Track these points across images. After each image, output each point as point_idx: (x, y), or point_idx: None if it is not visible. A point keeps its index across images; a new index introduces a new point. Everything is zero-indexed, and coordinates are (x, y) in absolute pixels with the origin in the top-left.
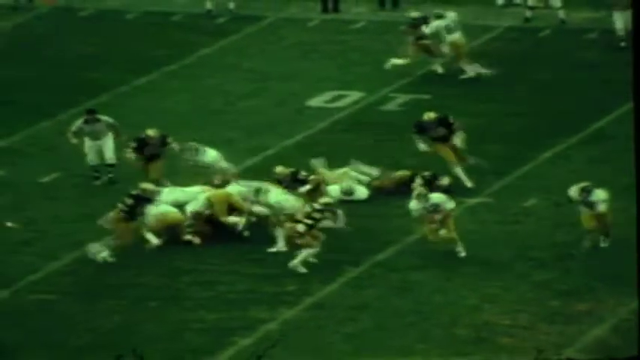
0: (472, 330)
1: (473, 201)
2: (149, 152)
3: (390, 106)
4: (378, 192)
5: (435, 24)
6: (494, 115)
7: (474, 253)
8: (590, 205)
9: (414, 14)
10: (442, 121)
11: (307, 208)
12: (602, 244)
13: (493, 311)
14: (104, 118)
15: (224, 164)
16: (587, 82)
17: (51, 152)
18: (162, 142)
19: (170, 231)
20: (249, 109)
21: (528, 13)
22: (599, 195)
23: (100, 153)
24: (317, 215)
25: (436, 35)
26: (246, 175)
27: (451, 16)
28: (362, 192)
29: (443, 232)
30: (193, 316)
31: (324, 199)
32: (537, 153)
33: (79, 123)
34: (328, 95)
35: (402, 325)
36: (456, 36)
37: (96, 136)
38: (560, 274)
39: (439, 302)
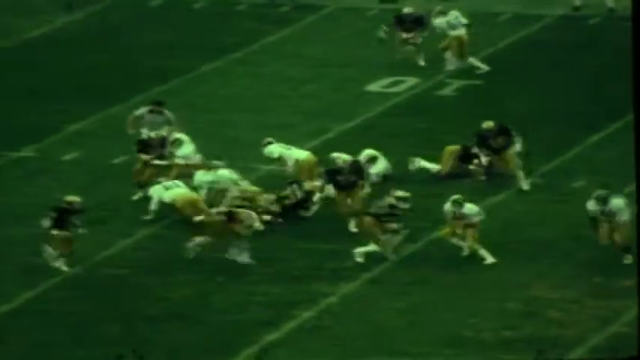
0: (521, 304)
1: (524, 182)
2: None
3: (445, 92)
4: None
5: (438, 21)
6: (544, 100)
7: (524, 231)
8: (610, 215)
9: (407, 10)
10: (502, 130)
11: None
12: (626, 261)
13: (542, 286)
14: (167, 112)
15: (197, 158)
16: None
17: (122, 135)
18: (162, 143)
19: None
20: (309, 94)
21: (578, 2)
22: (618, 204)
23: None
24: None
25: (442, 31)
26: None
27: (454, 13)
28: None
29: (469, 242)
30: (258, 290)
31: (399, 193)
32: (586, 136)
33: (142, 111)
34: (386, 81)
35: (453, 299)
36: (461, 32)
37: (154, 127)
38: (605, 252)
39: (490, 278)
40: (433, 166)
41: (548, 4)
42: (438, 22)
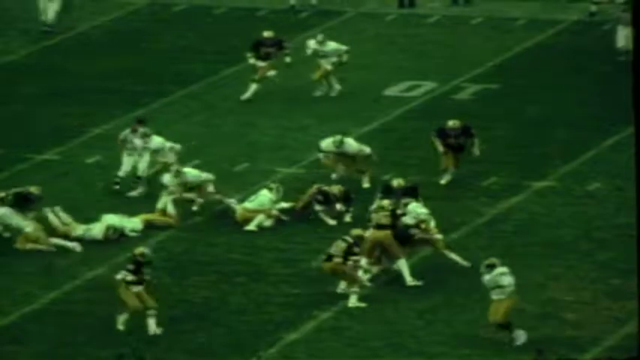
0: (538, 306)
1: (540, 184)
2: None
3: (462, 95)
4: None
5: (310, 44)
6: (561, 104)
7: (541, 233)
8: (500, 287)
9: (267, 34)
10: (465, 131)
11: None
12: (517, 342)
13: (558, 288)
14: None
15: (166, 150)
16: None
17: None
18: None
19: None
20: (328, 97)
21: (593, 8)
22: (503, 272)
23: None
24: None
25: (313, 55)
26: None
27: (331, 44)
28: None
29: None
30: (276, 291)
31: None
32: (601, 140)
33: (128, 134)
34: (403, 85)
35: (470, 301)
36: (327, 63)
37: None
38: (621, 254)
39: None
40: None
41: (564, 9)
42: (311, 45)
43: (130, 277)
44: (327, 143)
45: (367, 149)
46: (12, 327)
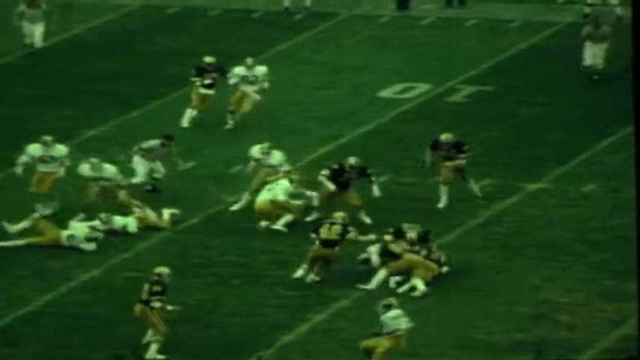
0: (532, 307)
1: (534, 186)
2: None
3: (456, 98)
4: None
5: (236, 71)
6: (555, 106)
7: (535, 235)
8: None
9: (209, 59)
10: (457, 145)
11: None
12: None
13: (552, 290)
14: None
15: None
16: None
17: (138, 140)
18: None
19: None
20: (323, 100)
21: (587, 10)
22: (397, 314)
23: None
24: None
25: (237, 83)
26: (322, 160)
27: (260, 69)
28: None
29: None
30: (271, 293)
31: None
32: (596, 141)
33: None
34: (398, 87)
35: (464, 302)
36: (252, 89)
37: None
38: (615, 255)
39: (501, 282)
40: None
41: (558, 11)
42: (236, 71)
43: (158, 304)
44: (255, 149)
45: (286, 167)
46: (7, 329)
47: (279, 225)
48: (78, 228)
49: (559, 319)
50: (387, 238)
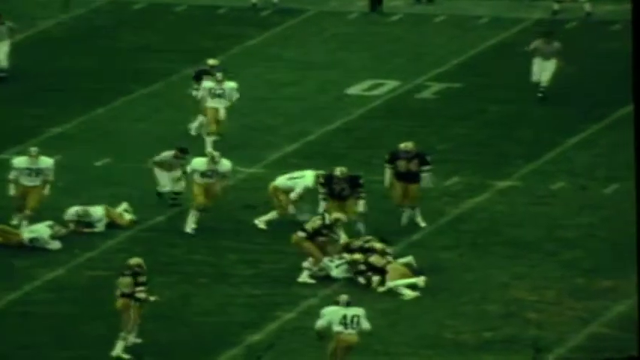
0: (501, 306)
1: (503, 184)
2: None
3: (425, 94)
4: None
5: (204, 85)
6: (524, 103)
7: (504, 233)
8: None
9: (212, 61)
10: (418, 155)
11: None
12: None
13: (521, 288)
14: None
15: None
16: (611, 71)
17: (105, 138)
18: None
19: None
20: (290, 96)
21: (556, 6)
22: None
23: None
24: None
25: (204, 97)
26: (290, 158)
27: (229, 84)
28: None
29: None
30: (239, 292)
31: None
32: (565, 138)
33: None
34: (366, 84)
35: (433, 301)
36: (220, 104)
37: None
38: (585, 253)
39: (469, 280)
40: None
41: (528, 7)
42: (205, 85)
43: (143, 295)
44: (198, 162)
45: (227, 182)
46: None
47: (260, 220)
48: (39, 229)
49: (528, 317)
50: (357, 257)
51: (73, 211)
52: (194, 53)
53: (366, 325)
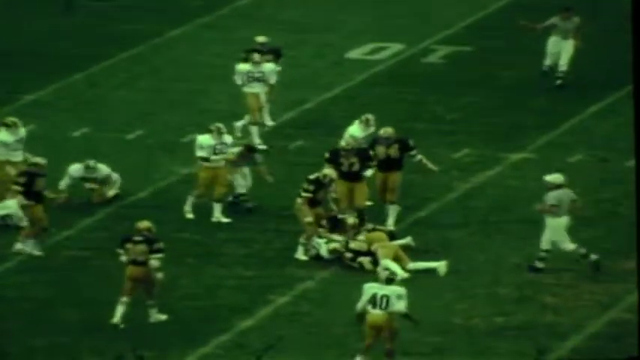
0: (514, 288)
1: (516, 157)
2: None
3: (432, 59)
4: None
5: (240, 68)
6: (539, 68)
7: (517, 209)
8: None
9: (262, 39)
10: (399, 141)
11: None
12: None
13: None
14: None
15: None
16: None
17: (82, 106)
18: None
19: None
20: (285, 62)
21: None
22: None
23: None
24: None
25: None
26: (285, 128)
27: (268, 66)
28: None
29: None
30: (230, 273)
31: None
32: (583, 107)
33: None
34: (367, 47)
35: (441, 284)
36: (258, 88)
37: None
38: (605, 232)
39: (480, 261)
40: None
41: None
42: (241, 68)
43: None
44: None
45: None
46: None
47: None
48: (10, 206)
49: (543, 301)
50: (336, 245)
51: (77, 167)
52: (179, 14)
53: (398, 306)
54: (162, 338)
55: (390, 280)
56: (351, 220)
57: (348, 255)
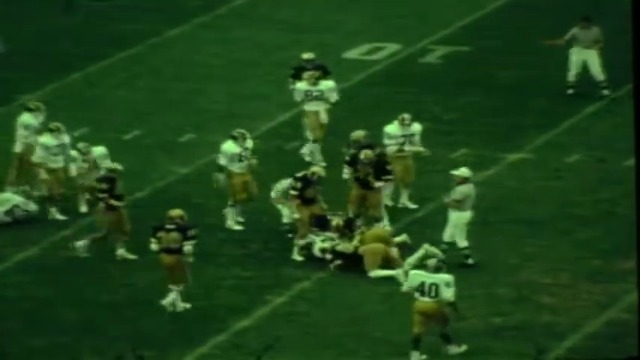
0: (512, 289)
1: (514, 157)
2: None
3: (429, 59)
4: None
5: (298, 86)
6: (537, 68)
7: (515, 210)
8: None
9: (307, 55)
10: (369, 146)
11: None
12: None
13: (534, 270)
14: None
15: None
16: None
17: (81, 106)
18: None
19: None
20: (283, 61)
21: None
22: (445, 279)
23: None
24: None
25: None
26: (282, 128)
27: (327, 84)
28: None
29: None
30: (227, 274)
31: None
32: (581, 107)
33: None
34: (365, 47)
35: None
36: (317, 107)
37: None
38: (603, 232)
39: (478, 261)
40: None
41: None
42: (299, 87)
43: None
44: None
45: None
46: None
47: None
48: (12, 198)
49: (541, 301)
50: (324, 245)
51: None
52: (177, 14)
53: (446, 294)
54: (162, 338)
55: (438, 269)
56: (335, 221)
57: (329, 256)
